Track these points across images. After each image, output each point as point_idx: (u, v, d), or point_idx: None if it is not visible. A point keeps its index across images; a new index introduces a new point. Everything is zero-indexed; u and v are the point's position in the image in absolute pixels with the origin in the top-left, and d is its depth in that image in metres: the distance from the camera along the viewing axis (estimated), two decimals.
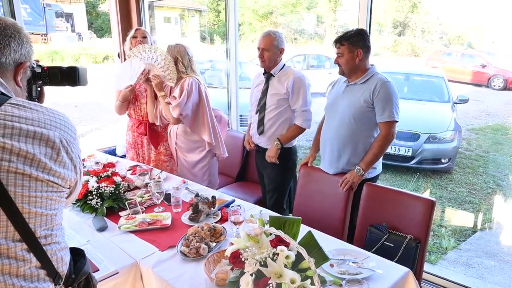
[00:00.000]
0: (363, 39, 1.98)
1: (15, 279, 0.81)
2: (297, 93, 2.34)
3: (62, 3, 14.61)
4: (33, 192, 0.82)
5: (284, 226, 1.21)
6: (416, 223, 1.80)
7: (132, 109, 2.67)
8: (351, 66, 1.99)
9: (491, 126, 6.06)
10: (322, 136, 2.19)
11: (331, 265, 1.40)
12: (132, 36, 2.62)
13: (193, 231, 1.58)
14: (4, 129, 0.80)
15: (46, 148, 0.84)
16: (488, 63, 7.60)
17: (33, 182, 0.82)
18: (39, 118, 0.85)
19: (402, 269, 1.41)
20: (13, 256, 0.81)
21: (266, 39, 2.31)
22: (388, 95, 1.93)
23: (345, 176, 2.06)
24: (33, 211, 0.82)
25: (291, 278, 1.05)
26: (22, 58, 0.91)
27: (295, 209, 2.31)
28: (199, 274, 1.38)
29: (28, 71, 0.97)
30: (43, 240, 0.85)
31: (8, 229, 0.80)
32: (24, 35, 0.91)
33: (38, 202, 0.83)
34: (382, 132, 1.97)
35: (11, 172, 0.79)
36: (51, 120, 0.87)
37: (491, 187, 4.24)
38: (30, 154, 0.81)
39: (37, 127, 0.83)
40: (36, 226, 0.83)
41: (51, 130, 0.85)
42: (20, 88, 0.94)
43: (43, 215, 0.84)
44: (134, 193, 2.09)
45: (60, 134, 0.87)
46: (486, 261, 2.93)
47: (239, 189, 2.85)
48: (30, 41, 0.94)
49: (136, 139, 2.70)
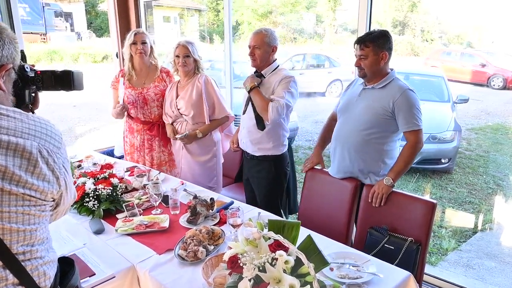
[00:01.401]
0: (389, 41, 1.88)
1: None
2: (280, 88, 2.10)
3: (61, 3, 14.57)
4: (6, 207, 0.77)
5: (283, 230, 1.19)
6: (416, 225, 1.78)
7: (141, 114, 2.61)
8: (375, 69, 1.88)
9: (491, 126, 6.06)
10: (333, 139, 2.09)
11: (330, 269, 1.38)
12: (132, 42, 2.52)
13: (191, 234, 1.56)
14: None
15: (21, 160, 0.79)
16: (488, 62, 7.59)
17: (6, 196, 0.77)
18: (16, 127, 0.80)
19: (403, 273, 1.39)
20: None
21: (257, 36, 2.16)
22: (411, 103, 1.83)
23: (373, 189, 1.91)
24: (7, 227, 0.78)
25: (290, 283, 1.03)
26: (3, 60, 0.86)
27: (300, 213, 2.27)
28: (197, 278, 1.35)
29: (13, 73, 0.92)
30: (21, 256, 0.81)
31: None
32: (6, 36, 0.86)
33: (12, 218, 0.79)
34: (412, 141, 1.86)
35: None
36: (29, 128, 0.82)
37: (492, 187, 4.23)
38: (2, 167, 0.77)
39: (12, 137, 0.79)
40: (12, 243, 0.79)
41: (28, 140, 0.80)
42: (4, 91, 0.88)
43: (20, 230, 0.80)
44: (131, 195, 2.07)
45: (39, 144, 0.82)
46: (486, 262, 2.92)
47: (238, 190, 2.83)
48: (15, 42, 0.89)
49: (145, 142, 2.65)
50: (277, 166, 2.27)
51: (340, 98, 2.16)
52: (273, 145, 2.24)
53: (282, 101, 2.08)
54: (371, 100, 1.91)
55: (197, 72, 2.49)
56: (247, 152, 2.34)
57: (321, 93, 8.20)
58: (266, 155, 2.25)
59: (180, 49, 2.41)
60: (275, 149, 2.24)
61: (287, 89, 2.12)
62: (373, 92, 1.93)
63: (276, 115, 2.07)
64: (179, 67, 2.44)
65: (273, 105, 2.07)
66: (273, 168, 2.26)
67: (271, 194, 2.30)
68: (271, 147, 2.24)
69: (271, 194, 2.30)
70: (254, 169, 2.32)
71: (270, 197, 2.29)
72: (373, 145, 1.93)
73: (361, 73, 1.93)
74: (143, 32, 2.58)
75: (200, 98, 2.44)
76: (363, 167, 1.98)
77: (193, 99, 2.44)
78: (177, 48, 2.42)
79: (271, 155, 2.25)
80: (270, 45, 2.17)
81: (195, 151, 2.53)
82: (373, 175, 1.97)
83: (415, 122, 1.84)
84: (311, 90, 8.05)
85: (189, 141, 2.48)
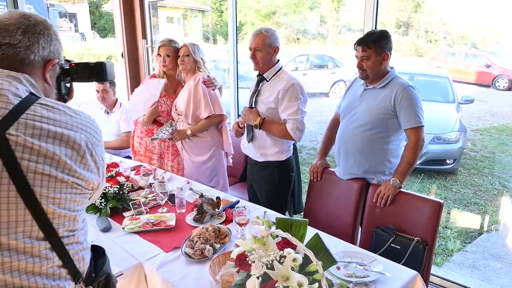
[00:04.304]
0: (390, 41, 1.87)
1: (37, 277, 0.82)
2: (288, 100, 2.04)
3: (66, 3, 14.65)
4: (57, 193, 0.83)
5: (290, 228, 1.19)
6: (423, 225, 1.77)
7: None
8: (377, 70, 1.87)
9: (496, 127, 6.02)
10: (337, 141, 2.08)
11: (337, 268, 1.38)
12: (157, 53, 2.49)
13: (198, 232, 1.56)
14: (33, 129, 0.80)
15: (71, 151, 0.84)
16: (493, 63, 7.54)
17: (58, 183, 0.83)
18: (66, 120, 0.86)
19: (410, 272, 1.39)
20: (36, 255, 0.82)
21: (258, 37, 2.06)
22: (411, 100, 1.82)
23: (379, 189, 1.90)
24: (57, 212, 0.83)
25: (298, 281, 1.03)
26: (50, 55, 0.91)
27: (305, 212, 2.26)
28: (204, 276, 1.36)
29: (57, 68, 0.97)
30: (66, 239, 0.86)
31: (33, 228, 0.81)
32: (53, 32, 0.92)
33: (62, 204, 0.84)
34: (412, 139, 1.84)
35: (38, 173, 0.80)
36: (77, 122, 0.87)
37: (497, 188, 4.20)
38: (56, 156, 0.82)
39: (64, 129, 0.84)
40: (59, 226, 0.85)
41: (77, 133, 0.86)
42: (49, 85, 0.94)
43: (66, 216, 0.85)
44: (138, 193, 2.08)
45: (86, 137, 0.87)
46: (492, 263, 2.90)
47: (243, 190, 2.83)
48: (59, 38, 0.94)
49: (170, 148, 2.61)
50: (280, 172, 2.20)
51: (342, 99, 2.15)
52: (276, 150, 2.17)
53: (298, 118, 2.04)
54: (372, 100, 1.91)
55: (197, 72, 2.47)
56: (250, 157, 2.30)
57: (325, 94, 8.18)
58: (269, 161, 2.18)
59: (182, 48, 2.46)
60: (278, 154, 2.18)
61: (297, 100, 2.04)
62: (374, 92, 1.92)
63: (300, 134, 2.08)
64: (179, 65, 2.46)
65: (292, 127, 2.05)
66: (276, 174, 2.19)
67: (274, 199, 2.22)
68: (274, 152, 2.17)
69: (274, 199, 2.22)
70: (257, 175, 2.27)
71: (273, 202, 2.20)
72: (378, 144, 1.92)
73: (362, 74, 1.91)
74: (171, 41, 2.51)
75: (190, 96, 2.43)
76: (368, 169, 1.97)
77: (185, 98, 2.44)
78: (181, 48, 2.47)
79: (275, 161, 2.18)
80: (271, 46, 2.08)
81: (193, 152, 2.53)
82: (380, 175, 1.96)
83: (416, 119, 1.82)
84: (314, 91, 8.03)
85: (179, 138, 2.47)
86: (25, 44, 0.86)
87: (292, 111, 2.05)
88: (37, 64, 0.89)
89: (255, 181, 2.31)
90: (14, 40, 0.85)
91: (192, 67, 2.46)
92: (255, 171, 2.29)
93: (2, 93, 0.81)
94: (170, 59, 2.48)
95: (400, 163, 1.89)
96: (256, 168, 2.27)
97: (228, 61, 3.24)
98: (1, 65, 0.85)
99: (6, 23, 0.85)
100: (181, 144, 2.55)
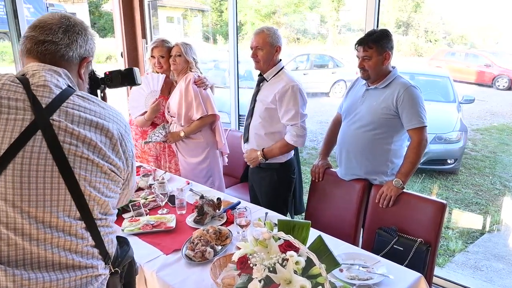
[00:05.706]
0: (391, 41, 1.85)
1: (74, 255, 0.89)
2: (287, 103, 2.01)
3: (65, 3, 14.62)
4: (94, 177, 0.90)
5: (293, 231, 1.17)
6: (426, 226, 1.76)
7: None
8: (379, 70, 1.84)
9: (496, 127, 6.01)
10: (339, 142, 2.06)
11: (340, 270, 1.36)
12: (150, 55, 2.47)
13: (199, 234, 1.55)
14: (73, 116, 0.89)
15: (105, 138, 0.92)
16: (493, 63, 7.53)
17: (95, 167, 0.90)
18: (100, 111, 0.94)
19: (413, 274, 1.37)
20: (74, 233, 0.89)
21: (259, 36, 2.03)
22: (414, 100, 1.79)
23: (382, 190, 1.88)
24: (92, 194, 0.90)
25: (301, 284, 1.01)
26: (86, 53, 1.01)
27: (307, 213, 2.24)
28: (205, 278, 1.34)
29: (90, 66, 1.07)
30: (98, 222, 0.93)
31: (72, 208, 0.87)
32: (89, 33, 1.02)
33: (96, 187, 0.91)
34: (415, 139, 1.81)
35: (78, 156, 0.87)
36: (110, 114, 0.96)
37: (498, 188, 4.19)
38: (93, 142, 0.89)
39: (99, 119, 0.92)
40: (94, 208, 0.91)
41: (110, 123, 0.94)
42: (82, 81, 1.03)
43: (100, 200, 0.92)
44: (137, 194, 2.06)
45: (118, 128, 0.96)
46: (494, 264, 2.88)
47: (243, 190, 2.82)
48: (94, 38, 1.04)
49: (166, 149, 2.59)
50: (281, 173, 2.17)
51: (343, 100, 2.13)
52: None
53: (298, 123, 2.03)
54: (374, 101, 1.89)
55: (188, 72, 2.42)
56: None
57: (325, 93, 8.17)
58: (269, 162, 2.15)
59: (174, 48, 2.42)
60: (279, 156, 2.14)
61: (296, 104, 2.00)
62: (376, 92, 1.90)
63: (301, 140, 2.07)
64: (171, 65, 2.42)
65: (291, 136, 2.05)
66: (275, 176, 2.17)
67: (275, 201, 2.19)
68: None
69: (274, 201, 2.19)
70: (257, 176, 2.25)
71: (273, 204, 2.14)
72: (380, 145, 1.91)
73: (364, 74, 1.89)
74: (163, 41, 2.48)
75: (181, 98, 2.39)
76: (370, 169, 1.95)
77: (177, 100, 2.40)
78: (172, 47, 2.44)
79: (275, 163, 2.15)
80: (273, 45, 2.05)
81: (187, 153, 2.50)
82: (382, 175, 1.94)
83: (419, 119, 1.80)
84: (315, 91, 8.01)
85: (172, 140, 2.45)
86: (65, 42, 0.95)
87: (291, 116, 2.02)
88: (74, 60, 0.98)
89: (255, 182, 2.30)
90: (56, 38, 0.94)
91: (184, 67, 2.42)
92: (255, 173, 2.27)
93: (46, 84, 0.89)
94: (165, 60, 2.46)
95: (403, 164, 1.87)
96: (256, 169, 2.24)
97: (229, 61, 3.22)
98: (44, 60, 0.94)
99: (49, 23, 0.95)
100: (175, 146, 2.53)
